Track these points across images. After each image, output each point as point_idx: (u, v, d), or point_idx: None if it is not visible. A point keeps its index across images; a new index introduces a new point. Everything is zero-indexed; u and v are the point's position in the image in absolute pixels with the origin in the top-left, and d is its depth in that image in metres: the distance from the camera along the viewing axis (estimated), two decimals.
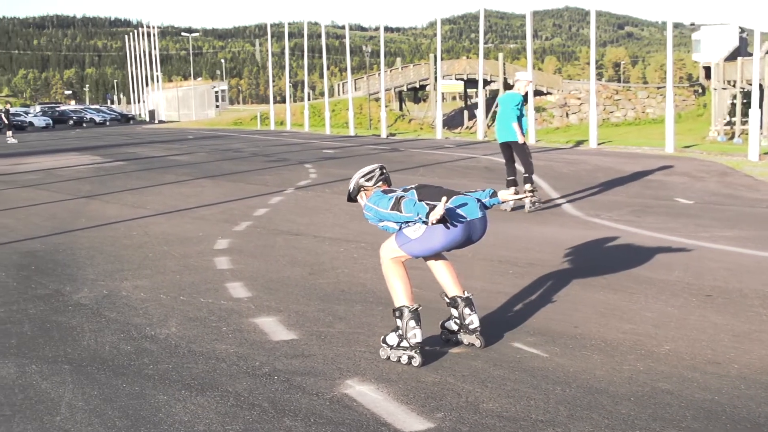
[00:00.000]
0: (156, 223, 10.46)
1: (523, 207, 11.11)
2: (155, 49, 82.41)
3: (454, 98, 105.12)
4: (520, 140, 10.86)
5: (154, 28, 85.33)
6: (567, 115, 46.77)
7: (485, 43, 35.49)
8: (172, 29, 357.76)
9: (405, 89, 59.61)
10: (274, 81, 58.88)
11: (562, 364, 4.56)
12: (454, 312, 4.80)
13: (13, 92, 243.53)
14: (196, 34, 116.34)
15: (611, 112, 46.46)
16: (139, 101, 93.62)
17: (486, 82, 48.80)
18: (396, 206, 4.30)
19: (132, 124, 73.63)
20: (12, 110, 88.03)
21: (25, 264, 7.81)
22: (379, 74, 53.54)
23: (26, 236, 9.53)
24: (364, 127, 49.37)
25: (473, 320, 4.72)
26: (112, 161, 22.27)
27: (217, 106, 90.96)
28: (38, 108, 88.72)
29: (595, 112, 26.60)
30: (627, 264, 7.27)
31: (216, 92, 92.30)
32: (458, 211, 4.41)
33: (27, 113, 74.38)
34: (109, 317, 5.74)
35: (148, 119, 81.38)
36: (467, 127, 56.21)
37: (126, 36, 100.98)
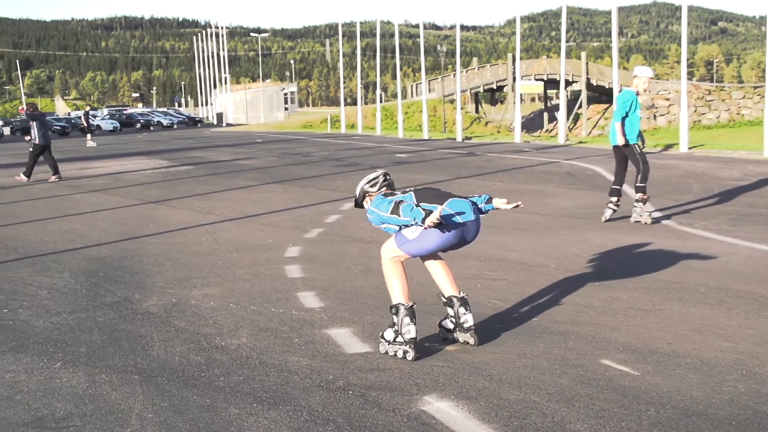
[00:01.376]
0: (225, 229, 10.63)
1: (628, 216, 10.73)
2: (223, 50, 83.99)
3: (533, 100, 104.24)
4: (620, 142, 10.56)
5: (222, 28, 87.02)
6: (654, 117, 45.86)
7: (567, 41, 35.07)
8: (240, 29, 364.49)
9: (481, 90, 59.35)
10: (344, 82, 59.36)
11: (655, 383, 4.45)
12: (450, 311, 5.21)
13: (81, 95, 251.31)
14: (265, 35, 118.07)
15: (703, 113, 45.37)
16: (206, 104, 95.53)
17: (567, 83, 48.26)
18: (395, 210, 4.79)
19: (199, 127, 75.15)
20: (79, 113, 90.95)
21: (93, 270, 8.02)
22: (454, 75, 53.45)
23: (95, 242, 9.79)
24: (439, 130, 49.32)
25: (468, 319, 5.13)
26: (180, 165, 22.75)
27: (286, 109, 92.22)
28: (106, 111, 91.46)
29: (686, 114, 25.99)
30: (723, 277, 7.07)
31: (285, 94, 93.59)
32: (452, 213, 4.83)
33: (94, 116, 76.68)
34: (178, 326, 5.84)
35: (215, 122, 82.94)
36: (547, 130, 55.66)
37: (194, 37, 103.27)
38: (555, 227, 10.20)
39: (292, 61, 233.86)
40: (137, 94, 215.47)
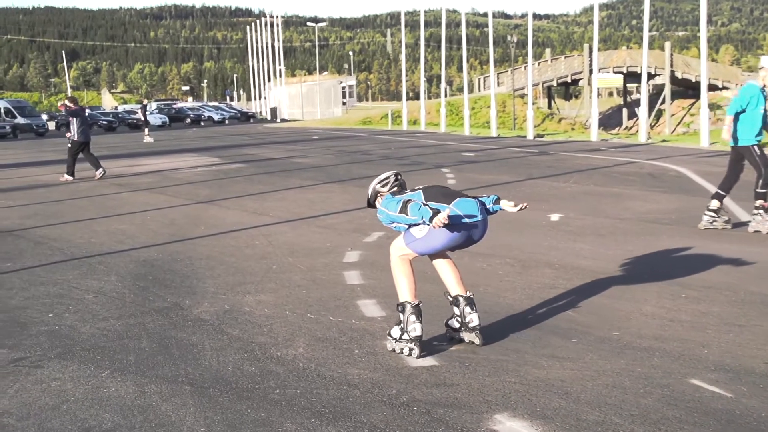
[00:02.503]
0: (280, 231, 10.72)
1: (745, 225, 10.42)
2: (278, 40, 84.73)
3: (610, 94, 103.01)
4: (723, 136, 10.28)
5: (277, 17, 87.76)
6: None
7: (649, 30, 34.54)
8: (296, 19, 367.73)
9: (554, 84, 58.87)
10: (407, 75, 59.39)
11: (752, 407, 4.34)
12: (456, 310, 5.50)
13: (129, 88, 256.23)
14: (323, 24, 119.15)
15: None
16: (260, 98, 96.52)
17: (650, 76, 47.55)
18: (403, 209, 5.10)
19: (252, 122, 76.01)
20: (126, 108, 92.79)
21: (142, 274, 8.15)
22: (525, 67, 53.11)
23: (143, 244, 9.96)
24: (508, 126, 49.06)
25: (473, 319, 5.41)
26: (232, 163, 23.03)
27: (344, 103, 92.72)
28: (154, 105, 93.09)
29: None
30: None
31: (343, 88, 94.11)
32: (460, 213, 5.15)
33: (137, 111, 78.14)
34: (231, 335, 5.90)
35: (269, 117, 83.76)
36: (626, 128, 54.95)
37: (247, 27, 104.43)
38: (636, 233, 10.05)
39: (350, 53, 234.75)
40: (187, 88, 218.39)
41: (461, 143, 31.79)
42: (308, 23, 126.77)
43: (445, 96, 55.48)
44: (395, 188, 5.58)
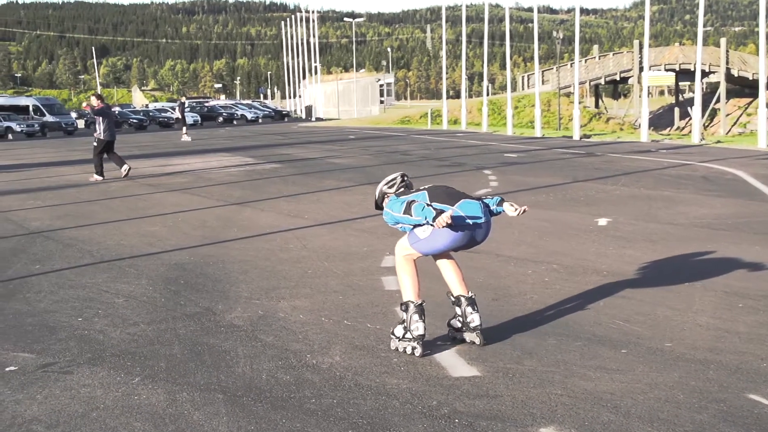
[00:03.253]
0: (315, 234, 10.74)
1: None
2: (314, 36, 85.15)
3: (662, 93, 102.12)
4: None
5: (313, 12, 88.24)
6: None
7: (704, 25, 34.20)
8: (333, 14, 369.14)
9: (602, 82, 58.44)
10: (447, 73, 59.30)
11: None
12: (458, 310, 5.73)
13: (160, 85, 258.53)
14: (360, 20, 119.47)
15: None
16: (294, 96, 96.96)
17: (704, 74, 47.07)
18: (407, 210, 5.33)
19: (287, 121, 76.38)
20: (157, 106, 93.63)
21: (173, 278, 8.21)
22: (571, 64, 52.82)
23: (174, 246, 10.04)
24: (553, 126, 48.82)
25: (474, 319, 5.63)
26: (266, 163, 23.16)
27: (382, 102, 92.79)
28: (186, 103, 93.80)
29: None
30: None
31: (381, 86, 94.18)
32: (463, 215, 5.38)
33: (173, 109, 78.79)
34: (265, 341, 5.92)
35: (304, 116, 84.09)
36: (678, 128, 54.38)
37: (282, 22, 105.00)
38: (689, 239, 9.94)
39: (389, 49, 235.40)
40: (219, 85, 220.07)
41: (504, 144, 31.69)
42: (345, 18, 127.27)
43: (487, 94, 55.34)
44: (402, 189, 5.81)
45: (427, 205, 5.30)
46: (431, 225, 5.25)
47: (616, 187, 15.69)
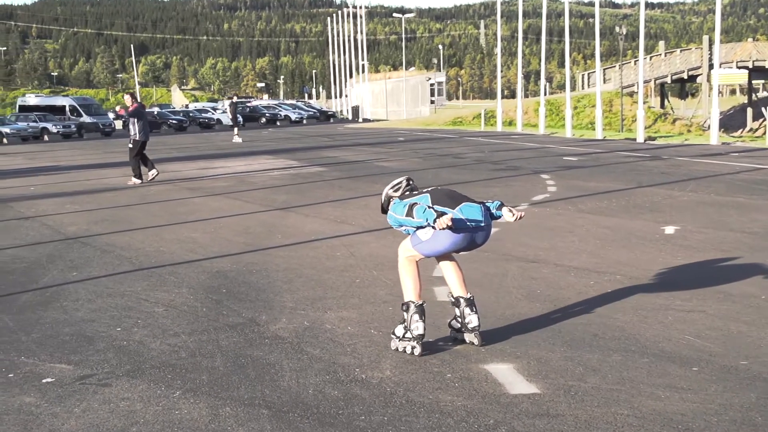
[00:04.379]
0: (363, 242, 10.76)
1: None
2: (361, 33, 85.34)
3: (733, 92, 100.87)
4: None
5: (360, 8, 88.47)
6: None
7: None
8: (381, 9, 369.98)
9: (668, 81, 57.86)
10: (502, 71, 59.12)
11: None
12: (457, 311, 6.07)
13: (200, 84, 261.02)
14: (410, 15, 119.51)
15: None
16: (340, 95, 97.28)
17: None
18: (409, 212, 5.70)
19: (332, 122, 76.65)
20: (197, 106, 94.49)
21: (215, 286, 8.27)
22: (635, 62, 52.35)
23: (216, 253, 10.12)
24: (615, 128, 48.42)
25: (472, 319, 5.97)
26: (311, 166, 23.26)
27: (433, 102, 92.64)
28: (227, 103, 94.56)
29: None
30: None
31: (431, 85, 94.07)
32: (464, 218, 5.74)
33: (215, 109, 79.46)
34: (311, 354, 5.93)
35: (350, 117, 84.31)
36: (751, 130, 53.63)
37: (328, 18, 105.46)
38: (764, 249, 9.78)
39: (440, 46, 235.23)
40: (262, 84, 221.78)
41: (562, 146, 31.49)
42: (394, 14, 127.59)
43: (545, 94, 55.03)
44: (407, 193, 6.14)
45: (429, 207, 5.65)
46: (432, 227, 5.58)
47: (684, 192, 15.50)
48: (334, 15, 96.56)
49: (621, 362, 5.61)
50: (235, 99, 43.29)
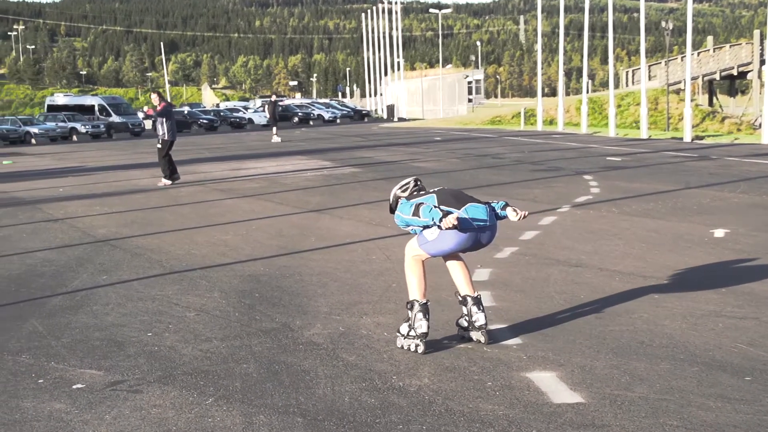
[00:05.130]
0: (399, 245, 10.71)
1: None
2: (397, 29, 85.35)
3: None
4: None
5: (396, 3, 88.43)
6: None
7: None
8: (417, 5, 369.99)
9: (717, 78, 57.35)
10: (542, 68, 58.88)
11: None
12: (464, 310, 6.31)
13: (231, 83, 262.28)
14: (447, 11, 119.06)
15: None
16: (375, 94, 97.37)
17: None
18: (416, 212, 5.99)
19: (367, 122, 76.73)
20: (229, 105, 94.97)
21: (247, 290, 8.31)
22: (682, 58, 51.98)
23: (248, 257, 10.16)
24: (661, 127, 48.08)
25: (479, 318, 6.21)
26: (345, 167, 23.30)
27: (470, 100, 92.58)
28: (259, 102, 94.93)
29: None
30: None
31: (469, 83, 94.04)
32: (470, 218, 5.97)
33: (246, 108, 79.85)
34: (347, 361, 5.94)
35: (385, 116, 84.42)
36: None
37: (362, 14, 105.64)
38: None
39: (478, 43, 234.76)
40: (295, 83, 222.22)
41: (606, 146, 31.31)
42: (431, 10, 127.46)
43: (587, 92, 54.77)
44: (414, 193, 6.42)
45: (435, 207, 5.93)
46: (438, 226, 5.84)
47: (735, 194, 15.36)
48: (369, 11, 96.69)
49: (669, 371, 5.57)
50: (274, 98, 43.09)
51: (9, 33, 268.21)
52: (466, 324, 6.35)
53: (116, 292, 8.36)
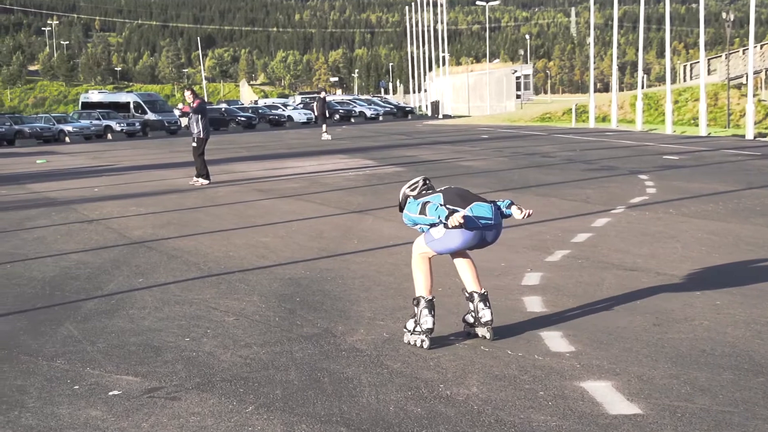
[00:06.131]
0: None
1: None
2: (442, 22, 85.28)
3: None
4: None
5: None
6: None
7: None
8: None
9: None
10: (595, 62, 58.53)
11: None
12: (471, 306, 6.62)
13: (270, 79, 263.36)
14: (494, 3, 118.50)
15: None
16: (419, 90, 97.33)
17: None
18: (422, 210, 6.26)
19: (410, 119, 76.74)
20: (267, 102, 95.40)
21: (287, 294, 8.34)
22: (744, 51, 51.44)
23: (289, 259, 10.20)
24: (721, 124, 47.62)
25: (485, 314, 6.51)
26: (388, 166, 23.33)
27: (519, 97, 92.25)
28: (298, 99, 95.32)
29: None
30: None
31: (517, 78, 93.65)
32: (475, 216, 6.25)
33: (285, 106, 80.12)
34: (392, 368, 5.94)
35: (429, 113, 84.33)
36: None
37: (406, 7, 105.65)
38: None
39: (526, 36, 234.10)
40: (335, 78, 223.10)
41: (662, 144, 31.06)
42: (477, 2, 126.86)
43: (642, 87, 54.37)
44: (424, 192, 6.70)
45: (441, 205, 6.24)
46: (444, 224, 6.15)
47: None
48: (413, 3, 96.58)
49: (733, 381, 5.50)
50: (323, 94, 42.92)
51: (43, 28, 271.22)
52: (472, 320, 6.67)
53: (153, 296, 8.43)
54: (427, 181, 6.83)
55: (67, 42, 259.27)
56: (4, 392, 5.70)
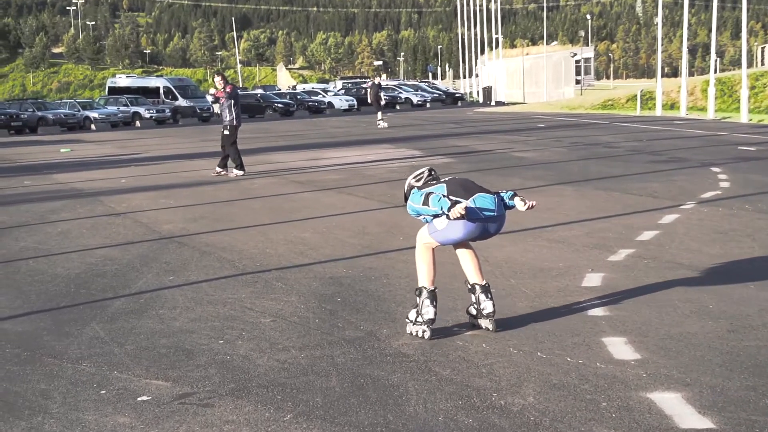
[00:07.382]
0: (498, 245, 10.66)
1: None
2: (495, 2, 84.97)
3: None
4: None
5: None
6: None
7: None
8: None
9: None
10: (663, 45, 58.04)
11: None
12: (473, 297, 7.01)
13: (309, 63, 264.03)
14: None
15: None
16: (470, 75, 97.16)
17: None
18: (425, 201, 6.65)
19: (460, 106, 76.68)
20: (306, 87, 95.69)
21: (328, 295, 8.35)
22: None
23: (329, 257, 10.22)
24: None
25: (487, 306, 6.90)
26: (435, 157, 23.29)
27: (578, 82, 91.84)
28: (339, 84, 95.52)
29: None
30: None
31: (577, 62, 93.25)
32: (478, 207, 6.60)
33: (326, 91, 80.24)
34: (441, 375, 5.93)
35: (481, 100, 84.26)
36: None
37: None
38: None
39: (587, 16, 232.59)
40: (380, 62, 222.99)
41: (737, 134, 30.77)
42: None
43: (715, 72, 53.88)
44: (428, 182, 7.04)
45: (444, 196, 6.57)
46: (447, 215, 6.48)
47: None
48: None
49: None
50: (378, 80, 42.55)
51: (67, 8, 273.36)
52: (474, 312, 7.05)
53: (184, 295, 8.47)
54: (433, 172, 7.20)
55: (93, 23, 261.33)
56: (27, 397, 5.76)
